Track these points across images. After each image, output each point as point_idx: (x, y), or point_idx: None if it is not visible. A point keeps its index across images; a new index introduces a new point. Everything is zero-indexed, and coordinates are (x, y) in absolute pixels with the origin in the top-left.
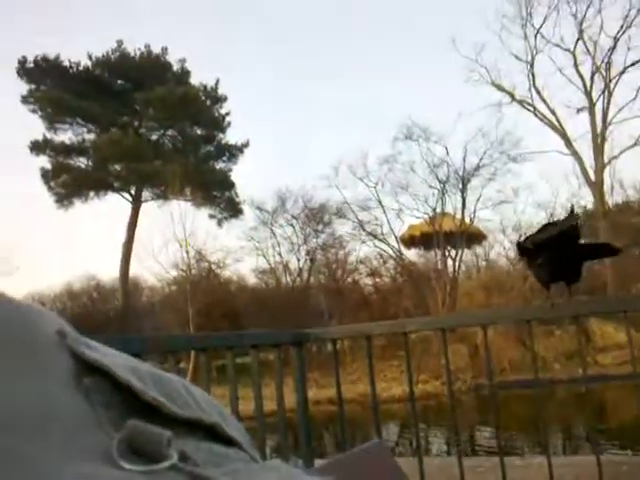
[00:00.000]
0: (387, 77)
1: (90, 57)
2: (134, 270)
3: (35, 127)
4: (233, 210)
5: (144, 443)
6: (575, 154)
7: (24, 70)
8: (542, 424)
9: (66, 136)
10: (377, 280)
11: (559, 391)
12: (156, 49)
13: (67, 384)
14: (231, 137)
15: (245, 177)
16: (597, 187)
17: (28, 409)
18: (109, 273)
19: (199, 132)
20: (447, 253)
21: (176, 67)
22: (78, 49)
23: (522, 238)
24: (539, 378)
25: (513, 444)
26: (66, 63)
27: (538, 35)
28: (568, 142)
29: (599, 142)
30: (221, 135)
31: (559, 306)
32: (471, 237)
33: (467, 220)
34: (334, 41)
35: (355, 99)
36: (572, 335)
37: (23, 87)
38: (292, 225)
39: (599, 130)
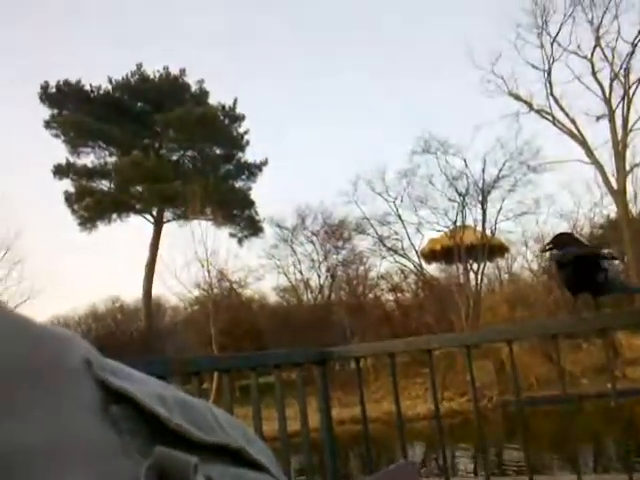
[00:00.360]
0: (403, 91)
1: (110, 81)
2: (157, 290)
3: (58, 151)
4: (253, 228)
5: (172, 469)
6: (596, 162)
7: (46, 95)
8: (571, 441)
9: (88, 159)
10: (398, 295)
11: (588, 406)
12: (174, 71)
13: (94, 412)
14: (250, 155)
15: (265, 195)
16: (620, 195)
17: (56, 438)
18: (132, 294)
19: (218, 151)
20: (469, 266)
21: (194, 88)
22: (99, 73)
23: (546, 244)
24: (567, 394)
25: (542, 462)
26: (87, 87)
27: (554, 43)
28: (589, 150)
29: (620, 149)
30: (240, 154)
31: (586, 319)
32: (493, 250)
33: (488, 232)
34: (350, 58)
35: (372, 114)
36: (600, 348)
37: (46, 112)
38: (312, 242)
39: (620, 137)
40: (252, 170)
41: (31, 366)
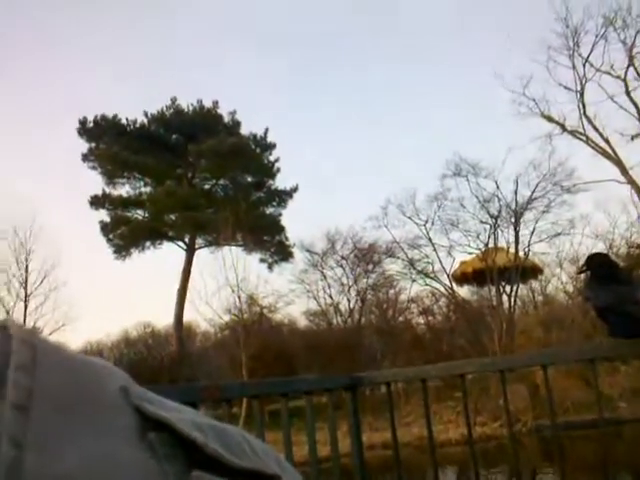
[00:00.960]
0: (434, 114)
1: (146, 114)
2: (188, 316)
3: (95, 183)
4: (283, 254)
5: None
6: (632, 182)
7: (84, 130)
8: (609, 467)
9: (124, 190)
10: (429, 319)
11: (627, 431)
12: (208, 103)
13: (132, 439)
14: (280, 182)
15: (295, 220)
16: None
17: (97, 467)
18: (164, 319)
19: (249, 179)
20: (502, 289)
21: (227, 119)
22: (135, 107)
23: (581, 266)
24: (604, 418)
25: None
26: (124, 121)
27: (587, 64)
28: (624, 170)
29: None
30: (271, 181)
31: (624, 343)
32: (526, 271)
33: (521, 254)
34: (380, 81)
35: (402, 138)
36: (638, 370)
37: (84, 146)
38: (342, 266)
39: None
40: (282, 197)
41: (71, 396)
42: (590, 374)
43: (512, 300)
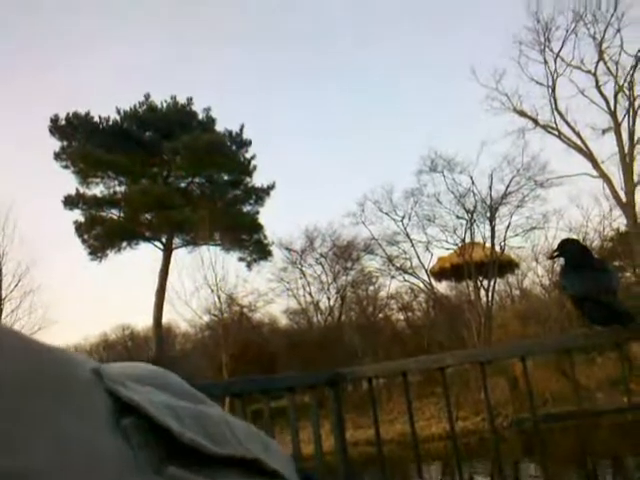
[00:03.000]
0: (408, 111)
1: (119, 111)
2: (167, 317)
3: (68, 182)
4: (262, 252)
5: None
6: (604, 176)
7: (56, 128)
8: (589, 456)
9: (98, 189)
10: (409, 314)
11: (605, 421)
12: (182, 100)
13: (106, 425)
14: (257, 180)
15: (273, 218)
16: (628, 208)
17: (68, 452)
18: (143, 321)
19: (226, 177)
20: (479, 283)
21: (201, 115)
22: (108, 105)
23: (553, 251)
24: (583, 409)
25: (560, 479)
26: (96, 119)
27: (558, 59)
28: (596, 164)
29: (627, 162)
30: (248, 179)
31: (599, 333)
32: (503, 266)
33: (498, 249)
34: (354, 79)
35: (378, 135)
36: (614, 362)
37: (55, 144)
38: (321, 264)
39: (627, 150)
40: (260, 194)
41: (39, 380)
42: (568, 366)
43: (490, 294)
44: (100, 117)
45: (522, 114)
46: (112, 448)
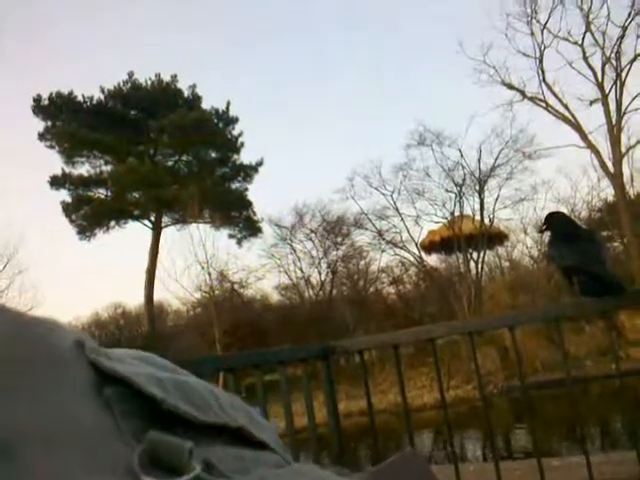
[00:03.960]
0: (396, 85)
1: (103, 90)
2: (158, 295)
3: (53, 162)
4: (252, 229)
5: (166, 455)
6: (591, 147)
7: (39, 108)
8: (578, 422)
9: (84, 169)
10: (400, 288)
11: (593, 388)
12: (166, 77)
13: (87, 395)
14: (245, 157)
15: (262, 195)
16: (616, 178)
17: (48, 423)
18: (134, 300)
19: (214, 155)
20: (469, 256)
21: (187, 93)
22: (91, 83)
23: (542, 225)
24: (571, 376)
25: (550, 445)
26: (80, 98)
27: (545, 30)
28: (583, 135)
29: (615, 133)
30: (235, 156)
31: (587, 302)
32: (492, 238)
33: (487, 221)
34: (341, 55)
35: (366, 109)
36: (602, 331)
37: (39, 124)
38: (311, 239)
39: (614, 120)
40: (248, 171)
41: (18, 351)
42: (556, 335)
43: (479, 266)
44: (84, 96)
45: (510, 86)
46: (93, 417)
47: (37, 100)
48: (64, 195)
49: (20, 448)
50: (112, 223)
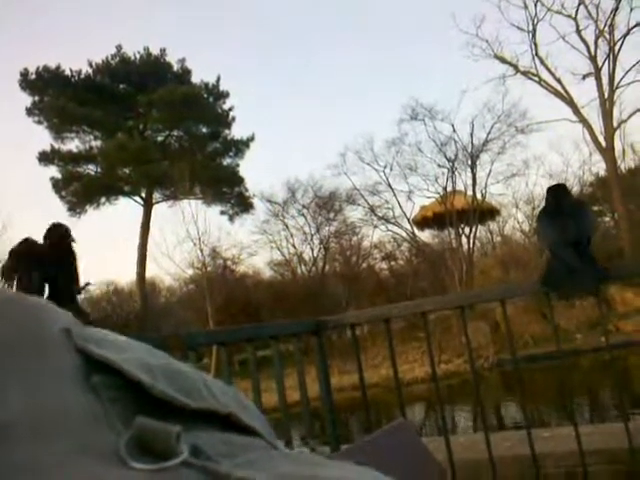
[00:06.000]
0: (388, 59)
1: (90, 64)
2: (151, 272)
3: (42, 138)
4: (244, 205)
5: (153, 440)
6: (584, 121)
7: (26, 82)
8: (567, 395)
9: (73, 144)
10: (392, 263)
11: (583, 361)
12: (155, 51)
13: (74, 382)
14: (236, 132)
15: (253, 171)
16: (608, 153)
17: (35, 410)
18: (126, 276)
19: (204, 130)
20: (461, 231)
21: (176, 67)
22: (79, 57)
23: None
24: (562, 349)
25: (540, 417)
26: (67, 72)
27: (538, 3)
28: (576, 109)
29: (607, 107)
30: (226, 131)
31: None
32: (484, 213)
33: (479, 196)
34: (334, 28)
35: (358, 84)
36: (593, 304)
37: (27, 99)
38: (303, 215)
39: (606, 95)
40: (239, 147)
41: (3, 332)
42: (547, 309)
43: (471, 242)
44: (71, 70)
45: (502, 60)
46: (80, 404)
47: (24, 74)
48: (54, 171)
49: (6, 434)
50: (102, 199)
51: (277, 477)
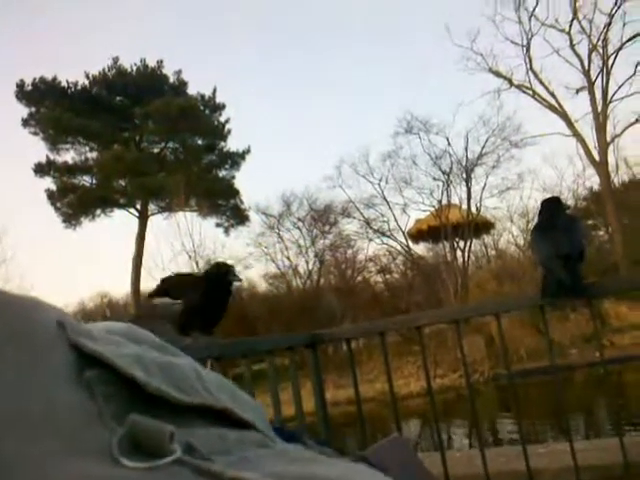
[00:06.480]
0: (384, 73)
1: (87, 76)
2: (145, 284)
3: (38, 149)
4: (239, 217)
5: (146, 438)
6: (577, 135)
7: (23, 94)
8: (562, 410)
9: (69, 156)
10: (387, 277)
11: (578, 376)
12: (152, 63)
13: (67, 378)
14: (232, 144)
15: (249, 183)
16: (602, 167)
17: (27, 406)
18: (121, 289)
19: (200, 142)
20: (456, 245)
21: (172, 79)
22: (75, 69)
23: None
24: (556, 364)
25: (536, 432)
26: (64, 83)
27: (532, 18)
28: (570, 123)
29: (601, 121)
30: (222, 143)
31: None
32: (479, 227)
33: (474, 210)
34: (331, 41)
35: (353, 98)
36: (587, 318)
37: (23, 110)
38: (299, 228)
39: (600, 109)
40: (235, 159)
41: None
42: (542, 323)
43: (466, 255)
44: (68, 82)
45: (497, 74)
46: (73, 400)
47: (20, 85)
48: (49, 183)
49: None
50: (98, 211)
51: (272, 476)
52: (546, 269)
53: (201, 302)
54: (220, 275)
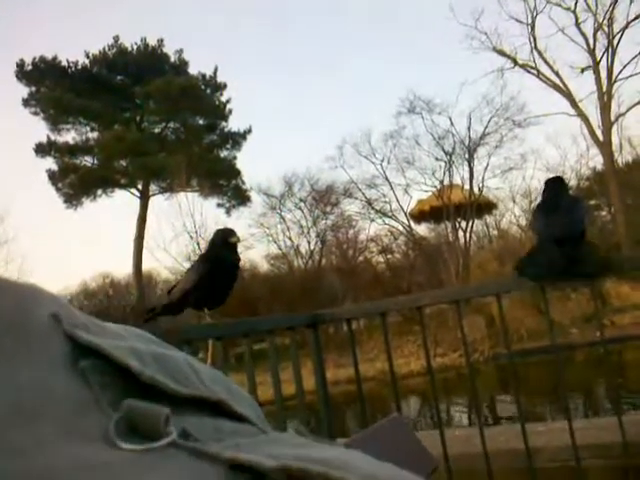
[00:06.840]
0: (386, 52)
1: (87, 55)
2: (147, 264)
3: (39, 129)
4: (241, 198)
5: (142, 421)
6: (581, 114)
7: (23, 73)
8: (562, 389)
9: (70, 136)
10: (389, 257)
11: (578, 355)
12: (152, 42)
13: (62, 368)
14: (233, 124)
15: (250, 163)
16: (605, 147)
17: (22, 394)
18: (123, 269)
19: (201, 122)
20: (457, 225)
21: (173, 58)
22: (75, 48)
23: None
24: (556, 344)
25: (535, 411)
26: (64, 63)
27: None
28: (574, 103)
29: (605, 100)
30: (224, 123)
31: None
32: (481, 207)
33: (476, 190)
34: (332, 20)
35: (356, 77)
36: (588, 298)
37: (23, 90)
38: (300, 208)
39: (605, 88)
40: (236, 139)
41: None
42: (542, 303)
43: (468, 235)
44: (68, 61)
45: (501, 53)
46: (67, 389)
47: (20, 65)
48: (50, 163)
49: None
50: (99, 192)
51: (267, 457)
52: (540, 249)
53: (209, 276)
54: (223, 246)
